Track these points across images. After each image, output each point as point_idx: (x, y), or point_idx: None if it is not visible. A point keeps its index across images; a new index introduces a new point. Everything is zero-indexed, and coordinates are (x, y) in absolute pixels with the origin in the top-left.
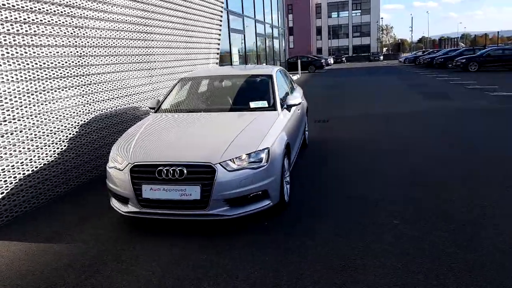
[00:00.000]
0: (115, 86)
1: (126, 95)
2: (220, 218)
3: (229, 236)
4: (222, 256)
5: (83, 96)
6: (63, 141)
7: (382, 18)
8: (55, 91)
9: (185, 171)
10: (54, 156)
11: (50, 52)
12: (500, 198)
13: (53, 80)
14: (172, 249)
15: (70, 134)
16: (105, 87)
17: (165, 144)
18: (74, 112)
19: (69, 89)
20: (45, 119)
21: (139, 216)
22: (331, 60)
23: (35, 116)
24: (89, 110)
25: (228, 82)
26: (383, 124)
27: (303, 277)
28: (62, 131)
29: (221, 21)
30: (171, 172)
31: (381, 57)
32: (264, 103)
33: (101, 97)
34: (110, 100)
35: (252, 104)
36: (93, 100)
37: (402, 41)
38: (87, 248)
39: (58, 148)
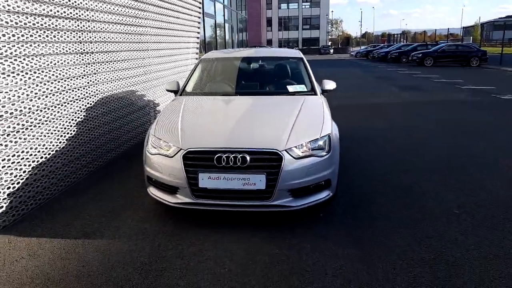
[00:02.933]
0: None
1: (116, 79)
2: (284, 210)
3: (290, 228)
4: (296, 250)
5: (84, 79)
6: (67, 128)
7: (332, 11)
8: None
9: (248, 158)
10: (59, 145)
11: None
12: None
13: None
14: (238, 243)
15: (73, 119)
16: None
17: (220, 129)
18: (75, 96)
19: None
20: (47, 103)
21: (191, 208)
22: None
23: (37, 99)
24: (91, 93)
25: (255, 64)
26: (385, 113)
27: (397, 272)
28: (64, 117)
29: (201, 2)
30: (232, 159)
31: (332, 51)
32: (302, 87)
33: (99, 79)
34: (106, 83)
35: (291, 88)
36: (94, 82)
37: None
38: (138, 244)
39: (62, 136)
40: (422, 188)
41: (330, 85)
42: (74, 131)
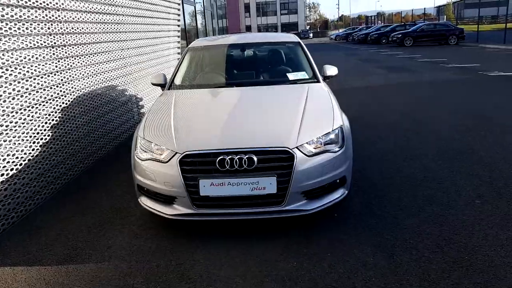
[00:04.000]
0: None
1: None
2: (298, 215)
3: (304, 234)
4: (316, 261)
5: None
6: (40, 133)
7: None
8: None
9: (255, 159)
10: (32, 153)
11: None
12: None
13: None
14: (248, 257)
15: (47, 123)
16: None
17: (220, 127)
18: (48, 96)
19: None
20: (14, 106)
21: (192, 219)
22: None
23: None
24: (66, 91)
25: (249, 51)
26: (376, 97)
27: (432, 280)
28: (36, 120)
29: None
30: (237, 161)
31: (311, 35)
32: (304, 75)
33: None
34: (82, 79)
35: (291, 76)
36: (69, 79)
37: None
38: (132, 266)
39: (34, 143)
40: (435, 178)
41: (331, 70)
42: (48, 136)
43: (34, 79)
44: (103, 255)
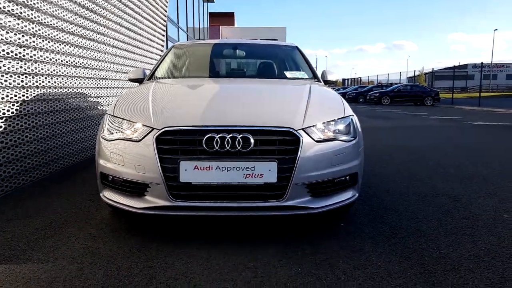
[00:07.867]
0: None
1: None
2: (303, 213)
3: (307, 239)
4: (327, 268)
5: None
6: None
7: None
8: None
9: (251, 140)
10: None
11: None
12: None
13: None
14: (237, 260)
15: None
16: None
17: (211, 102)
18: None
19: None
20: None
21: (166, 214)
22: None
23: None
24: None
25: (242, 52)
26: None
27: None
28: None
29: (164, 31)
30: (229, 141)
31: None
32: (302, 74)
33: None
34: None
35: (289, 74)
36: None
37: None
38: (84, 269)
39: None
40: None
41: (332, 75)
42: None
43: None
44: (47, 256)
